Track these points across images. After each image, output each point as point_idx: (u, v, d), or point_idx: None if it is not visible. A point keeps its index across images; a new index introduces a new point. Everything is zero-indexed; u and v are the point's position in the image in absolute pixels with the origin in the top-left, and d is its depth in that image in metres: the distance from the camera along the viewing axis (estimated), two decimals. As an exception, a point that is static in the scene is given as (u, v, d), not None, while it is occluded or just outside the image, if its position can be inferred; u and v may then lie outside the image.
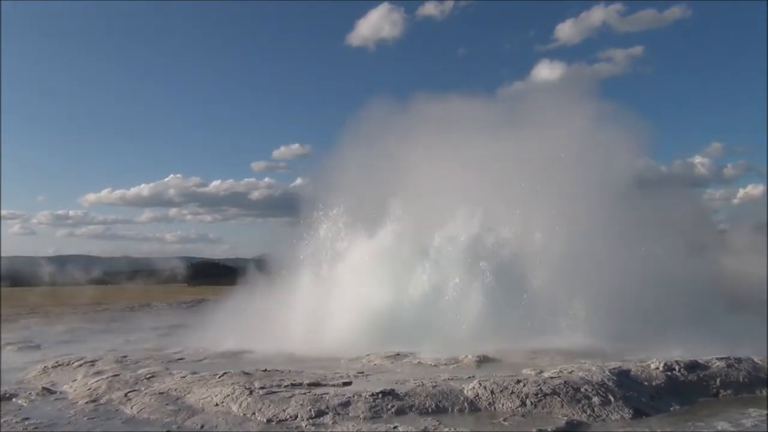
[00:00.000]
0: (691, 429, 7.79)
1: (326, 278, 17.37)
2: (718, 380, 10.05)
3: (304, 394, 9.05)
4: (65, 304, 33.35)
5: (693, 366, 10.27)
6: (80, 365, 13.04)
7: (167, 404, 9.17)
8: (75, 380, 11.57)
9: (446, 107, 21.82)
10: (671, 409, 8.97)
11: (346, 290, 16.39)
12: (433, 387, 9.18)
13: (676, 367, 10.15)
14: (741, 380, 10.10)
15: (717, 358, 10.57)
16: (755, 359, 10.85)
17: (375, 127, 20.85)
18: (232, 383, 9.86)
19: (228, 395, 9.18)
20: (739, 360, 10.60)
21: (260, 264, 20.35)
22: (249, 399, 8.93)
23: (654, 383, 9.73)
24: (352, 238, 17.96)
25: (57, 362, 13.39)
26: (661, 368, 10.11)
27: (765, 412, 8.47)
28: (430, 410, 8.50)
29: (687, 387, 9.81)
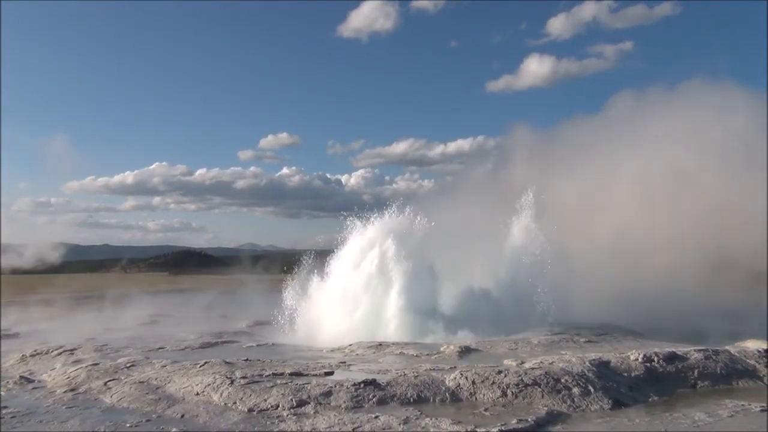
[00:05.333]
0: (669, 419, 7.89)
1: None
2: (695, 371, 10.20)
3: (286, 383, 9.03)
4: (44, 292, 32.91)
5: (671, 357, 10.40)
6: (59, 354, 12.91)
7: (147, 393, 9.10)
8: (54, 369, 11.45)
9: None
10: (650, 399, 9.08)
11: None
12: (415, 377, 9.20)
13: (655, 359, 10.28)
14: (718, 372, 10.25)
15: (695, 350, 10.73)
16: (732, 351, 11.04)
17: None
18: (213, 372, 9.81)
19: (209, 384, 9.13)
20: (716, 352, 10.76)
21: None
22: (230, 388, 8.88)
23: (633, 374, 9.85)
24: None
25: (35, 351, 13.24)
26: (640, 359, 10.23)
27: (741, 402, 8.60)
28: (411, 400, 8.52)
29: (665, 378, 9.95)
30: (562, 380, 8.93)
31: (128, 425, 7.69)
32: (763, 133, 22.68)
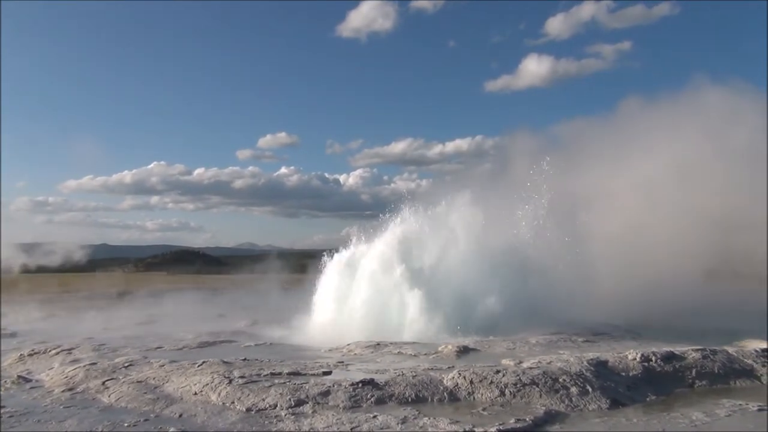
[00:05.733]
0: (667, 419, 7.90)
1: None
2: (693, 371, 10.21)
3: (284, 383, 9.03)
4: (42, 292, 32.86)
5: (669, 357, 10.42)
6: (57, 353, 12.88)
7: (145, 393, 9.09)
8: (51, 368, 11.42)
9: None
10: (647, 399, 9.10)
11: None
12: (413, 377, 9.21)
13: (653, 358, 10.29)
14: (716, 371, 10.27)
15: (693, 350, 10.74)
16: (729, 351, 11.05)
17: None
18: (212, 372, 9.81)
19: (207, 384, 9.13)
20: (714, 351, 10.78)
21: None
22: (228, 388, 8.88)
23: (631, 374, 9.86)
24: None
25: (33, 350, 13.22)
26: (638, 359, 10.24)
27: (738, 402, 8.62)
28: (409, 400, 8.52)
29: (663, 377, 9.96)
30: (560, 380, 8.94)
31: (126, 425, 7.68)
32: (764, 133, 22.74)
